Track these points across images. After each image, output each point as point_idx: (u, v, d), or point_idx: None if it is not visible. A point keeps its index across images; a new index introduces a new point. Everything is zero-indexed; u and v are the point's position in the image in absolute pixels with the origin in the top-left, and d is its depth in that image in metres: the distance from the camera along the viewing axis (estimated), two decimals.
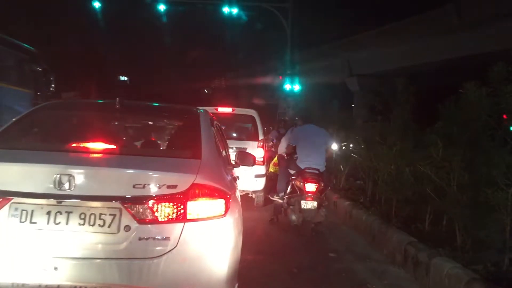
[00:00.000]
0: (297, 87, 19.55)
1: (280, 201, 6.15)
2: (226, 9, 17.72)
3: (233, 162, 3.76)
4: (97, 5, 18.00)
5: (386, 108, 6.29)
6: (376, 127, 6.61)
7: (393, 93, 6.04)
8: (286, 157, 6.46)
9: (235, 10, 17.85)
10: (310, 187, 5.61)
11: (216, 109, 7.53)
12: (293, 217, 5.70)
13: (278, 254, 4.77)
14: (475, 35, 15.98)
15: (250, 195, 7.29)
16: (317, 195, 5.63)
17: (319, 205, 5.62)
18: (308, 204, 5.58)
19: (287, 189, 6.11)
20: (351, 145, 8.65)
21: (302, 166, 5.84)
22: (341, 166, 8.45)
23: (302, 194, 5.66)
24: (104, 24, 22.12)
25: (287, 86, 19.51)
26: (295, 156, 6.09)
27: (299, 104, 17.52)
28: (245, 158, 3.74)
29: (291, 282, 4.00)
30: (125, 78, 37.14)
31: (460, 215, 4.01)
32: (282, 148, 6.74)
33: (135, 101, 3.87)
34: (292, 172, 6.10)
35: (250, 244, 3.35)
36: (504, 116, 3.92)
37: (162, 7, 17.52)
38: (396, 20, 20.05)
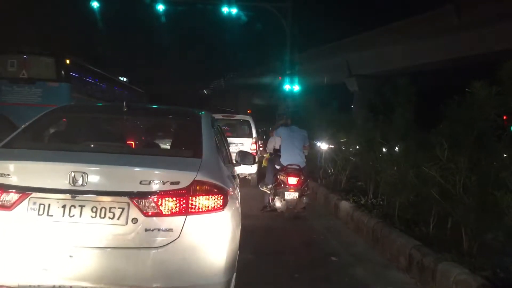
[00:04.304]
0: (296, 88, 19.45)
1: (268, 192, 7.25)
2: (225, 9, 17.60)
3: (234, 162, 4.10)
4: (95, 5, 17.84)
5: (387, 108, 6.20)
6: (377, 128, 6.53)
7: (394, 93, 5.95)
8: (272, 154, 7.46)
9: (234, 10, 17.72)
10: (292, 180, 6.74)
11: (222, 116, 10.72)
12: (279, 205, 6.81)
13: (278, 256, 4.69)
14: (475, 35, 15.95)
15: (247, 177, 10.16)
16: (298, 187, 6.72)
17: (300, 195, 6.74)
18: (291, 195, 6.70)
19: (273, 182, 7.14)
20: (351, 149, 8.54)
21: (284, 163, 6.98)
22: (341, 167, 8.35)
23: (285, 186, 6.74)
24: (103, 25, 22.02)
25: (287, 87, 19.40)
26: (276, 151, 7.26)
27: (299, 104, 17.46)
28: (245, 158, 4.14)
29: (292, 285, 3.90)
30: (125, 79, 37.01)
31: (466, 218, 3.88)
32: (270, 147, 7.55)
33: (141, 104, 4.10)
34: (277, 167, 7.15)
35: (250, 243, 3.34)
36: (504, 117, 3.85)
37: (161, 7, 17.37)
38: (396, 20, 20.04)
